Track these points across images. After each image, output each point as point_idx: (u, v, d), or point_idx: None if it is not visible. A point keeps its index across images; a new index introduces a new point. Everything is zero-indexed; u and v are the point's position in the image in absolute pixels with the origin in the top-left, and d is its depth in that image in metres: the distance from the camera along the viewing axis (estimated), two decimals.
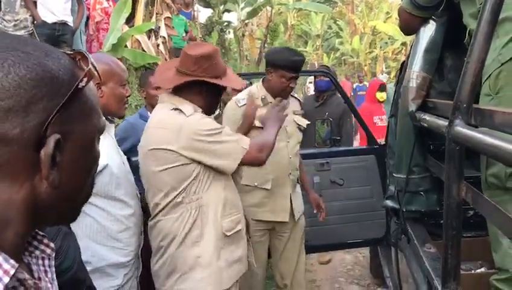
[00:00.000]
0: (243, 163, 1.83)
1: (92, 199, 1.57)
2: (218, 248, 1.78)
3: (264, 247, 2.67)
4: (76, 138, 0.59)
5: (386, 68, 23.88)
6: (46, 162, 0.54)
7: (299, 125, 2.63)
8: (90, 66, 0.59)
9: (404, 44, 26.46)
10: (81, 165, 0.61)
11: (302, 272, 2.79)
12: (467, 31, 1.71)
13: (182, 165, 1.73)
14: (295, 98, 2.76)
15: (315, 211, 2.74)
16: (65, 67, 0.58)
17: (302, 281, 2.79)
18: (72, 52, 0.62)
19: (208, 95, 1.86)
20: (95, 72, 0.60)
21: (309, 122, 2.73)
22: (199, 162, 1.76)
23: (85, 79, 0.58)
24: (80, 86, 0.58)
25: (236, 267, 1.86)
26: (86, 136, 0.61)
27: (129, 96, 1.85)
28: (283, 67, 2.44)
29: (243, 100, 2.49)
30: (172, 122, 1.74)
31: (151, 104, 2.83)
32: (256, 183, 2.53)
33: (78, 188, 0.62)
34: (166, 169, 1.74)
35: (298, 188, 2.73)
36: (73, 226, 1.21)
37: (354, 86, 12.28)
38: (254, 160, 1.86)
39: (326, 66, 5.06)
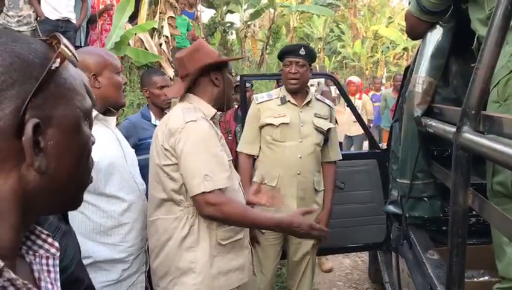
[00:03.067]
0: (202, 200, 1.66)
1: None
2: (212, 256, 1.77)
3: (275, 251, 2.66)
4: (59, 121, 0.57)
5: (387, 72, 23.89)
6: (28, 148, 0.53)
7: (318, 127, 2.60)
8: (62, 46, 0.58)
9: (405, 49, 26.53)
10: (69, 150, 0.59)
11: (308, 279, 2.74)
12: (475, 37, 1.69)
13: (173, 165, 1.73)
14: (325, 103, 2.72)
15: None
16: (36, 51, 0.56)
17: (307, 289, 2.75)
18: (47, 38, 0.60)
19: (217, 80, 1.86)
20: (69, 53, 0.58)
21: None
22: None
23: (58, 60, 0.56)
24: (53, 68, 0.56)
25: (233, 276, 1.83)
26: (69, 119, 0.59)
27: (125, 83, 1.83)
28: (280, 57, 2.65)
29: (261, 98, 2.67)
30: (174, 123, 1.75)
31: (154, 103, 2.82)
32: (266, 181, 2.52)
33: (70, 174, 0.60)
34: (163, 165, 1.75)
35: (317, 197, 2.67)
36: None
37: (370, 94, 9.21)
38: (202, 206, 1.67)
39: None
